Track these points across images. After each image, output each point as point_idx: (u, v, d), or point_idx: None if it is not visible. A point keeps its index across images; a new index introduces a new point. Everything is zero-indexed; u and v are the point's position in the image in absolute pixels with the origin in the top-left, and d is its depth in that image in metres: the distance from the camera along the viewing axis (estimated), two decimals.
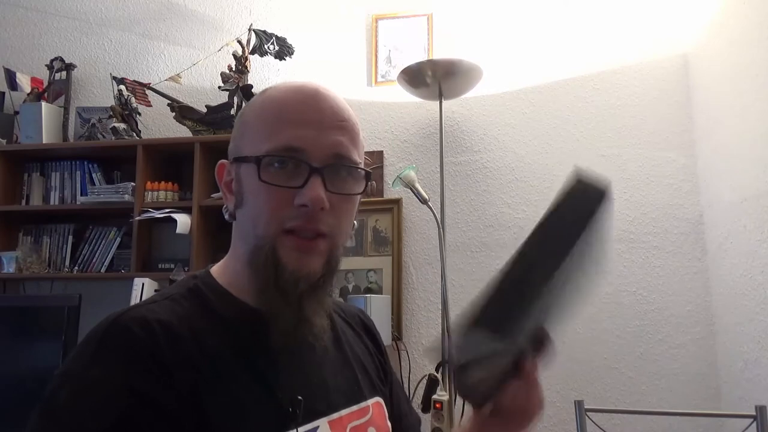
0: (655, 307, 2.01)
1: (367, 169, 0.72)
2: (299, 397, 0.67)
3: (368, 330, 0.91)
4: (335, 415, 0.72)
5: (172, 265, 2.13)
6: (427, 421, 1.76)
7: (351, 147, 0.70)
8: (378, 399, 0.81)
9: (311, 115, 0.68)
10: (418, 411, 1.78)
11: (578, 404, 1.52)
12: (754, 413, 1.41)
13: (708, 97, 1.99)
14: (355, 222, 0.76)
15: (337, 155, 0.68)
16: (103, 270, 2.25)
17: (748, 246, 1.73)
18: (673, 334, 1.99)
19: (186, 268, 2.09)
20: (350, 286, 2.14)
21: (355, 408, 0.76)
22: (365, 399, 0.78)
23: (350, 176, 0.70)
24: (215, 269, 0.74)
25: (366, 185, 0.73)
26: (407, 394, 1.98)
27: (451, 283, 2.09)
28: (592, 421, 1.52)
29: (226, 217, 0.73)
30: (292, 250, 0.66)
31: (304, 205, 0.65)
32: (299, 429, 0.66)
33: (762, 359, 1.65)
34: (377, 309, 1.84)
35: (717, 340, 1.95)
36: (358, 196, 0.73)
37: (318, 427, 0.69)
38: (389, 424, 0.82)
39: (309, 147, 0.66)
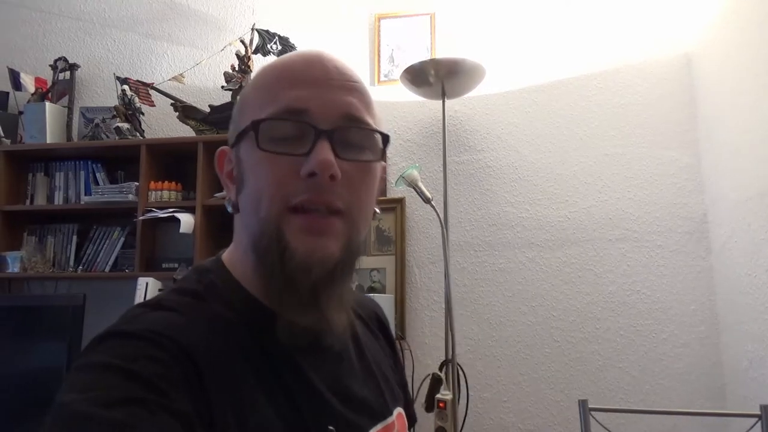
0: (659, 306, 2.00)
1: (385, 132, 0.62)
2: (330, 428, 0.61)
3: (384, 329, 0.85)
4: None
5: (176, 265, 2.14)
6: (430, 420, 1.75)
7: (363, 109, 0.61)
8: (400, 410, 0.77)
9: (316, 73, 0.60)
10: (421, 411, 1.78)
11: (582, 403, 1.51)
12: (759, 413, 1.40)
13: (711, 95, 1.98)
14: (377, 210, 0.67)
15: (348, 116, 0.59)
16: (107, 269, 2.26)
17: (752, 245, 1.72)
18: (677, 333, 1.98)
19: (189, 268, 2.09)
20: (353, 286, 2.14)
21: (380, 427, 0.70)
22: (390, 414, 0.73)
23: (365, 141, 0.61)
24: (226, 258, 0.66)
25: (384, 152, 0.63)
26: (411, 393, 1.98)
27: (454, 282, 2.09)
28: (596, 420, 1.51)
29: (229, 209, 0.65)
30: (301, 231, 0.56)
31: (312, 174, 0.55)
32: None
33: (767, 358, 1.65)
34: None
35: (721, 339, 1.94)
36: (378, 166, 0.63)
37: None
38: None
39: (314, 108, 0.58)
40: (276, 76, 0.61)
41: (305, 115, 0.57)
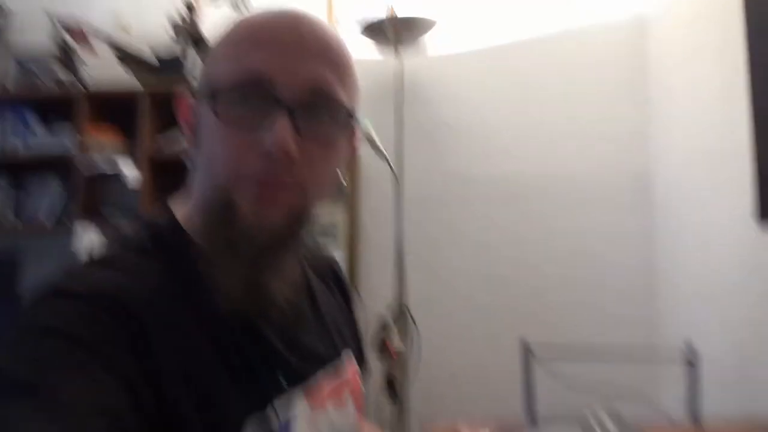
0: (600, 252, 2.09)
1: (351, 108, 0.60)
2: (280, 378, 0.61)
3: (339, 281, 0.84)
4: (314, 387, 0.66)
5: (118, 217, 2.08)
6: (379, 364, 1.79)
7: (335, 81, 0.57)
8: (353, 362, 0.78)
9: (287, 36, 0.56)
10: (372, 357, 1.82)
11: (524, 343, 1.58)
12: (685, 348, 1.50)
13: (663, 57, 2.04)
14: (343, 177, 0.65)
15: (316, 90, 0.56)
16: (45, 222, 2.17)
17: (693, 201, 1.81)
18: (616, 278, 2.08)
19: (135, 221, 2.04)
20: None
21: (332, 375, 0.71)
22: (341, 361, 0.74)
23: (331, 118, 0.58)
24: (177, 211, 0.63)
25: (351, 132, 0.61)
26: (366, 347, 2.01)
27: (406, 236, 2.11)
28: (537, 358, 1.59)
29: (187, 162, 0.63)
30: (252, 199, 0.55)
31: (269, 151, 0.53)
32: (277, 409, 0.60)
33: (696, 299, 1.75)
34: None
35: (656, 282, 2.05)
36: (344, 142, 0.61)
37: (296, 406, 0.63)
38: (362, 386, 0.79)
39: (279, 76, 0.54)
40: (245, 34, 0.58)
41: (268, 85, 0.54)
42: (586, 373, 1.81)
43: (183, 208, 0.63)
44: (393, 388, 1.77)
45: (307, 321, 0.71)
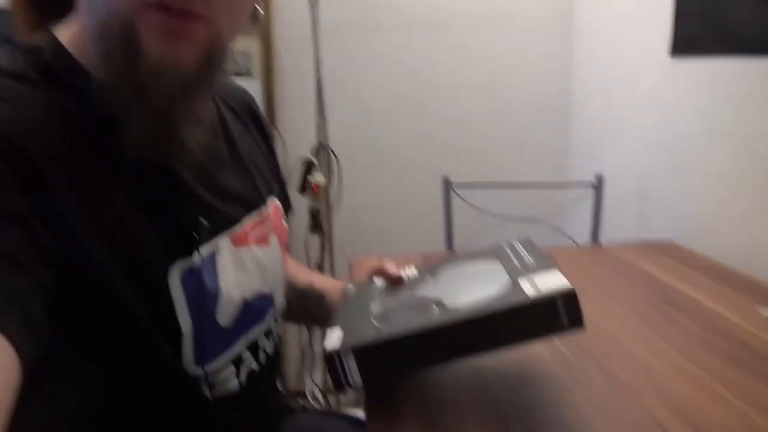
0: (521, 87, 2.09)
1: None
2: (203, 220, 0.58)
3: (256, 118, 0.80)
4: (237, 229, 0.65)
5: None
6: (304, 203, 1.80)
7: None
8: (275, 200, 0.76)
9: None
10: (295, 194, 1.82)
11: (445, 179, 1.61)
12: (594, 181, 1.59)
13: None
14: (259, 9, 0.58)
15: None
16: None
17: (613, 29, 1.78)
18: (535, 113, 2.11)
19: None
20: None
21: (255, 216, 0.69)
22: (264, 203, 0.72)
23: None
24: (65, 38, 0.54)
25: None
26: (286, 184, 1.99)
27: (325, 66, 2.00)
28: (457, 193, 1.64)
29: None
30: (156, 31, 0.48)
31: None
32: (201, 252, 0.58)
33: (606, 134, 1.83)
34: None
35: (571, 118, 2.11)
36: None
37: (220, 246, 0.62)
38: (285, 225, 0.79)
39: None
40: None
41: None
42: (503, 207, 1.91)
43: (68, 33, 0.55)
44: (317, 222, 1.80)
45: (226, 163, 0.68)
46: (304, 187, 1.79)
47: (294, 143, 2.07)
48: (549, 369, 0.75)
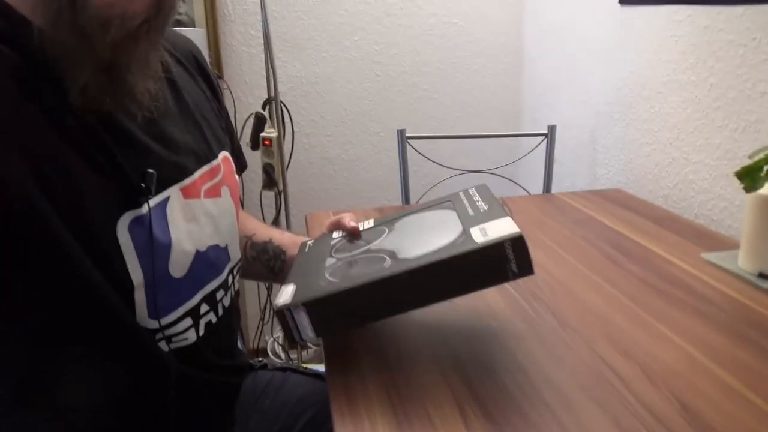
0: (473, 39, 2.07)
1: None
2: (150, 171, 0.57)
3: (202, 70, 0.78)
4: (187, 181, 0.64)
5: None
6: (257, 158, 1.76)
7: None
8: (225, 153, 0.75)
9: None
10: (247, 149, 1.77)
11: (400, 133, 1.60)
12: (546, 132, 1.61)
13: None
14: None
15: None
16: None
17: None
18: (487, 65, 2.11)
19: None
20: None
21: (206, 168, 0.68)
22: (215, 157, 0.71)
23: None
24: None
25: None
26: (237, 139, 1.93)
27: (272, 15, 1.92)
28: (413, 147, 1.64)
29: None
30: None
31: None
32: (150, 202, 0.57)
33: (558, 85, 1.84)
34: None
35: (524, 69, 2.12)
36: None
37: (170, 197, 0.61)
38: (237, 178, 0.78)
39: None
40: None
41: None
42: (458, 160, 1.92)
43: None
44: (271, 178, 1.77)
45: (174, 115, 0.66)
46: (257, 143, 1.74)
47: (244, 98, 2.01)
48: (503, 316, 0.77)
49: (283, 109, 1.89)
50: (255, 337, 2.09)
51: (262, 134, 1.73)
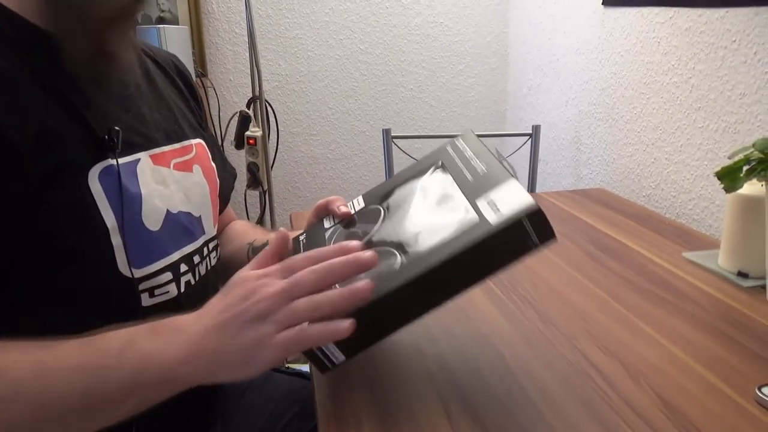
0: (458, 39, 2.08)
1: None
2: (116, 128, 0.60)
3: (183, 76, 0.82)
4: (156, 150, 0.66)
5: None
6: (242, 157, 1.75)
7: None
8: (200, 141, 0.77)
9: None
10: (231, 149, 1.76)
11: (386, 132, 1.60)
12: (530, 132, 1.62)
13: None
14: None
15: None
16: None
17: None
18: (472, 65, 2.11)
19: None
20: (138, 16, 1.84)
21: (177, 146, 0.71)
22: (187, 138, 0.74)
23: None
24: None
25: None
26: (219, 132, 1.92)
27: (256, 12, 1.91)
28: (398, 146, 1.64)
29: None
30: None
31: None
32: (119, 160, 0.60)
33: (542, 85, 1.86)
34: (174, 42, 1.63)
35: (509, 69, 2.13)
36: None
37: (139, 159, 0.63)
38: (214, 165, 0.78)
39: None
40: None
41: None
42: None
43: None
44: (255, 177, 1.76)
45: (146, 96, 0.70)
46: (241, 141, 1.73)
47: (229, 96, 1.99)
48: (487, 314, 0.77)
49: (268, 107, 1.88)
50: None
51: (247, 133, 1.72)
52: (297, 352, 0.51)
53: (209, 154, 0.79)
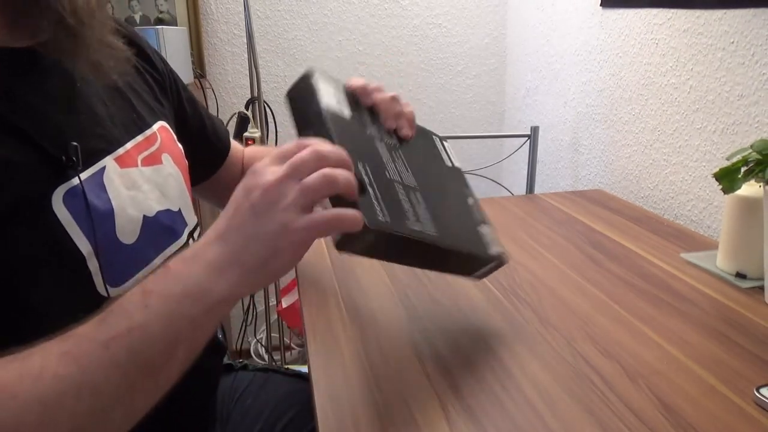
0: (457, 40, 2.08)
1: None
2: (74, 143, 0.56)
3: (132, 43, 0.74)
4: (120, 151, 0.63)
5: None
6: None
7: None
8: (162, 123, 0.73)
9: None
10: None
11: None
12: (528, 133, 1.62)
13: None
14: None
15: None
16: None
17: None
18: (471, 66, 2.12)
19: None
20: (137, 17, 1.84)
21: (140, 138, 0.67)
22: (149, 126, 0.70)
23: None
24: None
25: None
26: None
27: (255, 13, 1.91)
28: None
29: None
30: None
31: None
32: (82, 176, 0.56)
33: (540, 87, 1.86)
34: (173, 43, 1.63)
35: (507, 71, 2.13)
36: None
37: (104, 167, 0.60)
38: (180, 146, 0.76)
39: None
40: None
41: None
42: None
43: None
44: None
45: (94, 87, 0.65)
46: (240, 143, 1.73)
47: (227, 97, 1.99)
48: (485, 315, 0.77)
49: (267, 109, 1.88)
50: (238, 338, 2.08)
51: (246, 134, 1.72)
52: (322, 231, 0.48)
53: (173, 135, 0.75)
